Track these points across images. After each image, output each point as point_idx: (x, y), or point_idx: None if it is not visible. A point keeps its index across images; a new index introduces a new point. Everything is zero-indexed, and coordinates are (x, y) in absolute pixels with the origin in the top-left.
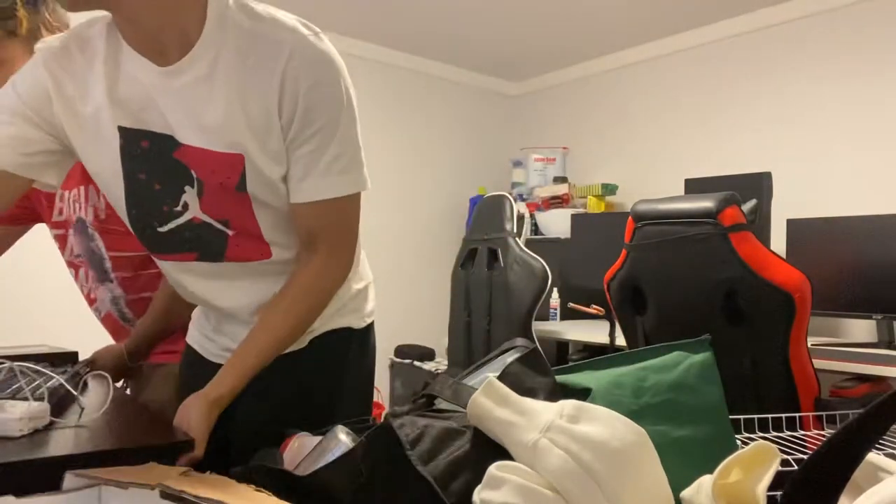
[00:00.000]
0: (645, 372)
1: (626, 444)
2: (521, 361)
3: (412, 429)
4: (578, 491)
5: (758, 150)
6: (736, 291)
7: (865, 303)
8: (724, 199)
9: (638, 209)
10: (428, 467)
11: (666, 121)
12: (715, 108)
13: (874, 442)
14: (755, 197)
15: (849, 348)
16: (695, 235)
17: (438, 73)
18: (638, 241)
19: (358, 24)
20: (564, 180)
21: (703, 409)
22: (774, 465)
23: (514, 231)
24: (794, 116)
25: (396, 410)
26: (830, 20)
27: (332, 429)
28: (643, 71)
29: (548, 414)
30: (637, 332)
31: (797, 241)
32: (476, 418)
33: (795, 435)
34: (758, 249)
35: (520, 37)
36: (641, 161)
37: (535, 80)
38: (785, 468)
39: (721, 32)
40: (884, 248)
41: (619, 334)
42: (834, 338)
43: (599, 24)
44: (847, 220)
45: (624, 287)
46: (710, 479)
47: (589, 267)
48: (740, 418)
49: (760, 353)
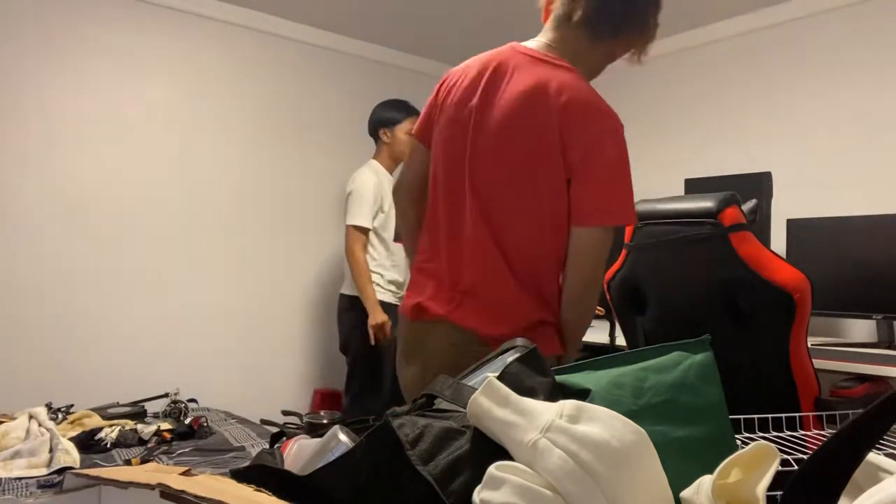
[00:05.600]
0: (645, 372)
1: (626, 444)
2: (521, 361)
3: (412, 429)
4: (578, 491)
5: (758, 150)
6: (736, 291)
7: (865, 303)
8: (724, 199)
9: (638, 209)
10: (428, 467)
11: (666, 121)
12: (715, 107)
13: (874, 442)
14: (755, 197)
15: (849, 348)
16: (695, 235)
17: (438, 73)
18: (638, 241)
19: (358, 24)
20: None
21: (703, 409)
22: (774, 465)
23: None
24: (794, 116)
25: (396, 410)
26: (831, 20)
27: (333, 429)
28: (643, 71)
29: (547, 414)
30: (637, 332)
31: (797, 241)
32: (476, 418)
33: (795, 435)
34: (758, 249)
35: (520, 37)
36: (641, 161)
37: None
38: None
39: (721, 32)
40: (884, 248)
41: (619, 334)
42: (834, 338)
43: None
44: (847, 220)
45: (624, 287)
46: (710, 479)
47: None
48: (740, 418)
49: (760, 353)
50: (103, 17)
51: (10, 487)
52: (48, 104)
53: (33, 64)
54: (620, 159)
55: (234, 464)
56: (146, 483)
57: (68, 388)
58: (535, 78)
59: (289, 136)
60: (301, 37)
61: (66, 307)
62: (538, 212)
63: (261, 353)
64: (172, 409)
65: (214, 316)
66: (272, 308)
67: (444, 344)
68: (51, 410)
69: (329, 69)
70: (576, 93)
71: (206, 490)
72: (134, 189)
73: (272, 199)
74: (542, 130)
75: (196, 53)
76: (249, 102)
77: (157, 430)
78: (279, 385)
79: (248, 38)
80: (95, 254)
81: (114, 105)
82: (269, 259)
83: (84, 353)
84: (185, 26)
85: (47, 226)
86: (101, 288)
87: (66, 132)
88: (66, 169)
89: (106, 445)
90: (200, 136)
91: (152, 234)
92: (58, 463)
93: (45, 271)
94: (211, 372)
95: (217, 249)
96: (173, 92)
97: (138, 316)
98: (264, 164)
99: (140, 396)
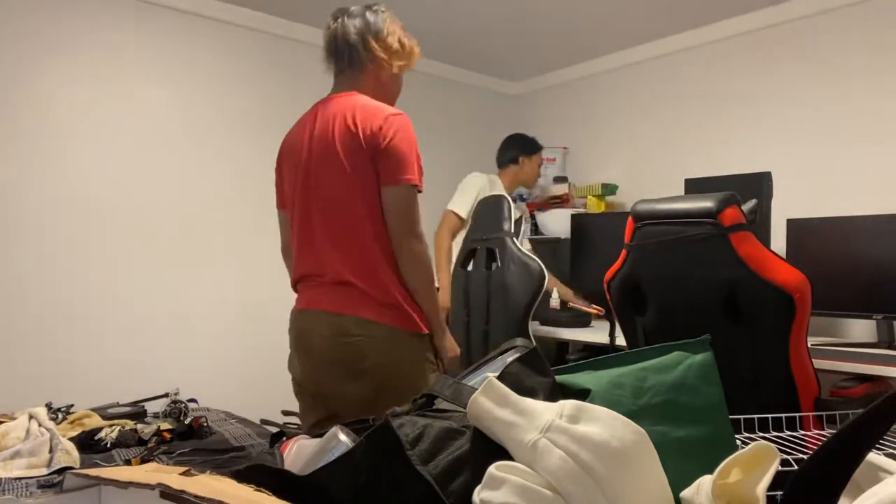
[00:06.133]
0: (645, 372)
1: (626, 444)
2: (521, 361)
3: (412, 428)
4: (578, 491)
5: (758, 150)
6: (736, 291)
7: (865, 303)
8: (724, 199)
9: (638, 209)
10: (428, 467)
11: (666, 121)
12: (715, 107)
13: (874, 442)
14: (755, 197)
15: (849, 348)
16: (695, 235)
17: (438, 72)
18: (638, 241)
19: None
20: (564, 180)
21: (703, 409)
22: (774, 465)
23: (511, 231)
24: (794, 116)
25: (396, 410)
26: (830, 20)
27: (332, 429)
28: (643, 71)
29: (547, 414)
30: (637, 332)
31: (797, 241)
32: (476, 418)
33: (795, 435)
34: (758, 249)
35: (520, 37)
36: (641, 161)
37: (535, 80)
38: (785, 468)
39: (721, 32)
40: (884, 248)
41: (619, 334)
42: (834, 338)
43: (599, 24)
44: (847, 220)
45: (624, 287)
46: (710, 479)
47: (589, 267)
48: (740, 418)
49: (760, 353)
50: (103, 16)
51: (10, 487)
52: (46, 103)
53: (32, 64)
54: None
55: (234, 464)
56: (146, 483)
57: (68, 388)
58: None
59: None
60: (301, 37)
61: (65, 307)
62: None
63: (261, 353)
64: (172, 409)
65: (215, 316)
66: (273, 308)
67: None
68: (51, 410)
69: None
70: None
71: (206, 490)
72: (133, 189)
73: (273, 199)
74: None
75: (196, 53)
76: (249, 102)
77: (157, 430)
78: (279, 385)
79: (248, 38)
80: (95, 253)
81: (113, 105)
82: (269, 258)
83: (84, 353)
84: (185, 26)
85: (46, 226)
86: (101, 288)
87: (65, 132)
88: (65, 169)
89: (106, 445)
90: (201, 136)
91: (152, 234)
92: (58, 463)
93: (45, 271)
94: (211, 372)
95: (217, 249)
96: (173, 92)
97: (138, 316)
98: (265, 163)
99: (140, 396)
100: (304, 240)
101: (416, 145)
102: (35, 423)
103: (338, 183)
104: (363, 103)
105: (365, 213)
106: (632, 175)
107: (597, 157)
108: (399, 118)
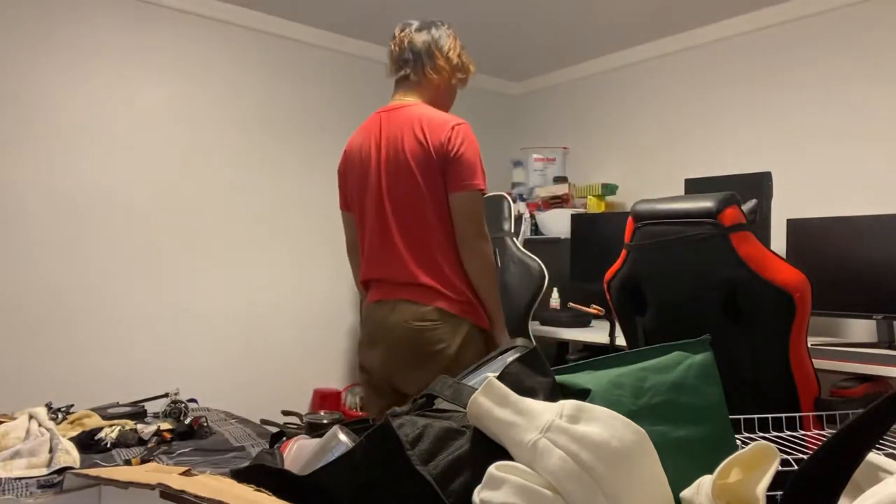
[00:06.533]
0: (645, 372)
1: (626, 444)
2: (521, 361)
3: (412, 428)
4: (578, 491)
5: (758, 150)
6: (736, 291)
7: (865, 303)
8: (724, 199)
9: (638, 209)
10: (428, 467)
11: (666, 121)
12: (715, 108)
13: (874, 442)
14: (755, 197)
15: (849, 348)
16: (695, 235)
17: None
18: (638, 241)
19: (358, 24)
20: (564, 180)
21: (703, 409)
22: (774, 465)
23: (511, 231)
24: (794, 116)
25: (396, 410)
26: (831, 20)
27: (333, 429)
28: (643, 71)
29: (547, 414)
30: (637, 332)
31: (797, 241)
32: (476, 418)
33: (795, 435)
34: (758, 249)
35: (520, 37)
36: (641, 161)
37: (535, 80)
38: (785, 468)
39: (721, 32)
40: (884, 248)
41: (619, 334)
42: (834, 338)
43: (599, 24)
44: (847, 220)
45: (624, 287)
46: (710, 479)
47: (589, 267)
48: (740, 418)
49: (760, 353)
50: (104, 16)
51: (10, 487)
52: (47, 103)
53: (33, 64)
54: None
55: (234, 464)
56: (146, 483)
57: (68, 388)
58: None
59: (290, 136)
60: (301, 37)
61: (65, 307)
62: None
63: (261, 353)
64: (172, 409)
65: (215, 316)
66: (273, 308)
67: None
68: (51, 410)
69: (329, 69)
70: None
71: (206, 490)
72: (134, 189)
73: (273, 199)
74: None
75: (196, 54)
76: (250, 102)
77: (157, 430)
78: (279, 385)
79: (249, 38)
80: (95, 253)
81: (113, 105)
82: (270, 258)
83: (84, 353)
84: (185, 26)
85: (47, 226)
86: (101, 288)
87: (66, 132)
88: (66, 169)
89: (106, 445)
90: (201, 137)
91: (153, 234)
92: (58, 463)
93: (45, 272)
94: (211, 372)
95: (217, 249)
96: (173, 92)
97: (138, 316)
98: (265, 163)
99: (140, 396)
100: (376, 246)
101: (479, 150)
102: (35, 423)
103: (410, 193)
104: (429, 116)
105: (434, 220)
106: (632, 175)
107: (597, 157)
108: (463, 127)
